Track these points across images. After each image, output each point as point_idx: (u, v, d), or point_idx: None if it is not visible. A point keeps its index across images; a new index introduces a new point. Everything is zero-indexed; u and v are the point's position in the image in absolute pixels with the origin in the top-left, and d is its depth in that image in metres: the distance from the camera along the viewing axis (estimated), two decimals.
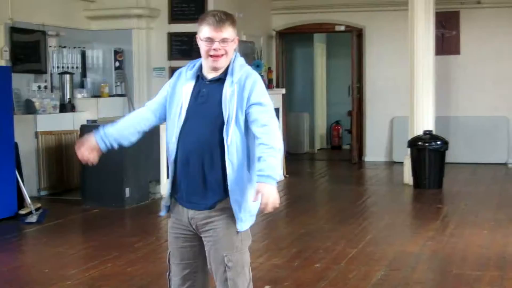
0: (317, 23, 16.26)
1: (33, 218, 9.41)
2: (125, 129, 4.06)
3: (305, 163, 16.44)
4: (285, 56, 16.84)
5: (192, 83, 3.98)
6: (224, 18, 3.85)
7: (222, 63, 3.90)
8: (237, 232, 3.88)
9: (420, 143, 11.79)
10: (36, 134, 11.26)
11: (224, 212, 3.87)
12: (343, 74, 17.96)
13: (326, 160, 17.04)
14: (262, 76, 12.96)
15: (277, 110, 12.84)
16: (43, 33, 12.30)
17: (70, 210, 10.30)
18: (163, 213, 4.09)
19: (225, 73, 3.92)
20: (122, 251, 7.68)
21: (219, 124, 3.83)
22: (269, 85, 13.41)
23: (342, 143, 18.76)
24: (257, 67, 12.71)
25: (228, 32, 3.87)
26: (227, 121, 3.81)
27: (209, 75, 3.95)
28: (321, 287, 6.36)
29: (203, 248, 3.97)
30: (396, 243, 8.06)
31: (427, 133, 11.86)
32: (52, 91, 12.34)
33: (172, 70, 13.76)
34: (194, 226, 3.95)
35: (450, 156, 12.97)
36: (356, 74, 15.90)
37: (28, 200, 9.69)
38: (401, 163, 12.96)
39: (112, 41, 13.53)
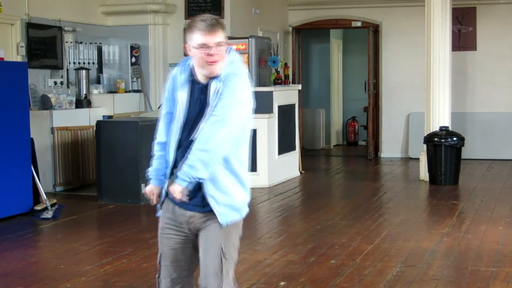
0: (334, 19, 16.23)
1: (48, 214, 9.44)
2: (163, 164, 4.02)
3: (321, 159, 16.41)
4: (302, 52, 16.83)
5: (186, 89, 3.91)
6: (215, 22, 3.77)
7: (219, 68, 3.82)
8: (234, 229, 3.94)
9: (436, 139, 11.74)
10: (52, 129, 11.29)
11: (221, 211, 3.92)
12: (359, 70, 17.96)
13: (342, 156, 17.01)
14: (277, 72, 12.96)
15: (293, 106, 12.86)
16: (60, 28, 12.34)
17: (86, 206, 10.33)
18: (159, 213, 4.09)
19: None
20: (137, 247, 7.69)
21: None
22: (285, 81, 13.37)
23: (358, 139, 18.73)
24: (273, 63, 12.68)
25: (221, 35, 3.78)
26: (204, 117, 3.80)
27: (204, 79, 3.89)
28: (337, 283, 6.34)
29: (195, 251, 3.98)
30: (412, 239, 8.03)
31: (443, 129, 11.82)
32: (68, 86, 12.38)
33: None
34: (191, 226, 3.95)
35: (466, 152, 12.92)
36: (372, 70, 15.86)
37: (44, 195, 9.72)
38: (417, 159, 12.92)
39: (128, 36, 13.55)
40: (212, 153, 3.72)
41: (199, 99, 3.86)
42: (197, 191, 3.85)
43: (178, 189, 3.77)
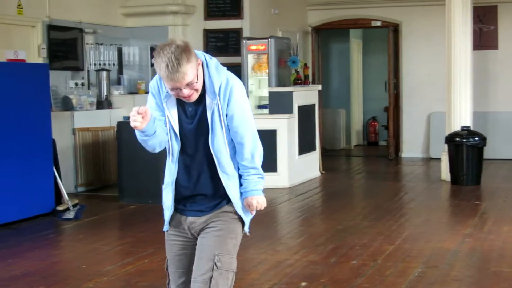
0: (353, 19, 16.20)
1: (70, 214, 9.49)
2: (162, 134, 3.90)
3: (342, 160, 16.38)
4: (321, 52, 16.80)
5: (174, 102, 3.84)
6: (177, 63, 3.58)
7: (195, 97, 3.76)
8: (232, 237, 3.90)
9: (457, 139, 11.69)
10: (74, 130, 11.34)
11: (223, 216, 3.90)
12: (380, 69, 17.92)
13: (362, 156, 16.97)
14: (297, 72, 12.95)
15: (313, 106, 12.84)
16: (80, 30, 12.39)
17: (107, 206, 10.37)
18: (166, 228, 4.05)
19: (203, 84, 3.81)
20: (158, 247, 7.70)
21: None
22: (305, 81, 13.36)
23: (378, 139, 18.68)
24: (293, 63, 12.67)
25: (189, 74, 3.63)
26: (212, 133, 3.80)
27: None
28: (358, 283, 6.32)
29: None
30: (434, 240, 7.99)
31: (465, 128, 11.76)
32: (89, 88, 12.43)
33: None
34: (192, 231, 3.94)
35: (488, 152, 12.84)
36: (393, 69, 15.81)
37: (66, 196, 9.77)
38: (439, 159, 12.87)
39: (148, 37, 13.58)
40: (258, 157, 3.91)
41: (191, 113, 3.83)
42: (197, 196, 3.88)
43: (262, 199, 3.94)
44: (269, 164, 11.55)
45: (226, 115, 3.80)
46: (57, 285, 6.45)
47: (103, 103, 12.34)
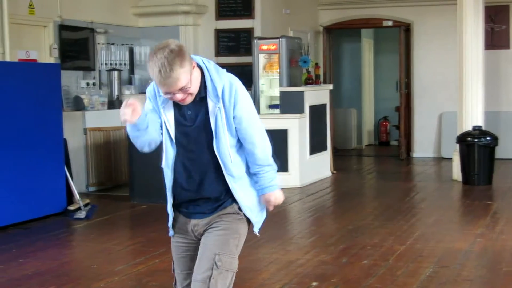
0: (365, 18, 16.18)
1: (81, 214, 9.51)
2: (153, 133, 3.85)
3: (353, 159, 16.37)
4: (333, 51, 16.80)
5: (171, 106, 3.80)
6: (169, 69, 3.52)
7: (190, 100, 3.72)
8: (234, 237, 3.87)
9: (469, 138, 11.66)
10: (85, 130, 11.37)
11: (226, 217, 3.88)
12: (391, 69, 17.89)
13: (373, 156, 16.95)
14: (308, 72, 12.95)
15: (324, 106, 12.83)
16: (92, 30, 12.42)
17: (118, 206, 10.38)
18: (171, 233, 4.07)
19: (203, 88, 3.76)
20: (169, 247, 7.60)
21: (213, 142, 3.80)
22: (316, 80, 13.36)
23: (390, 139, 18.65)
24: (304, 63, 12.67)
25: (182, 79, 3.58)
26: (217, 137, 3.76)
27: None
28: (369, 283, 6.31)
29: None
30: (445, 240, 7.97)
31: (476, 128, 11.73)
32: (100, 87, 12.46)
33: (220, 67, 13.81)
34: (196, 234, 3.93)
35: (500, 152, 12.79)
36: (404, 69, 15.79)
37: (77, 196, 9.79)
38: (450, 159, 12.84)
39: (159, 37, 13.55)
40: (270, 153, 3.94)
41: (190, 116, 3.79)
42: (200, 200, 3.87)
43: (279, 194, 3.97)
44: (280, 164, 11.44)
45: (234, 118, 3.78)
46: (68, 285, 6.47)
47: (114, 103, 12.37)
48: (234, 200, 3.87)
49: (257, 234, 4.03)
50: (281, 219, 9.32)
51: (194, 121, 3.79)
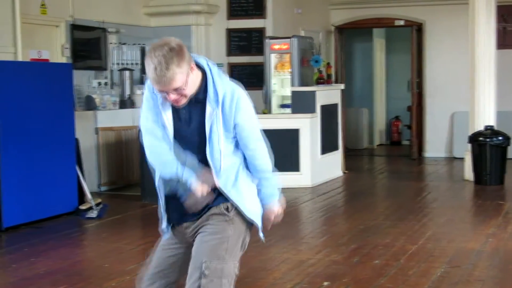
0: (376, 18, 16.16)
1: (93, 213, 9.53)
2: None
3: (364, 159, 16.35)
4: (344, 51, 16.77)
5: (169, 105, 3.72)
6: (165, 67, 3.47)
7: (184, 102, 3.64)
8: (222, 242, 3.67)
9: (481, 138, 11.62)
10: (97, 130, 11.39)
11: (212, 219, 3.73)
12: (403, 69, 17.85)
13: (385, 155, 16.92)
14: (320, 72, 12.94)
15: (335, 105, 12.81)
16: (103, 30, 12.44)
17: (130, 205, 10.40)
18: (166, 236, 3.97)
19: (202, 91, 3.67)
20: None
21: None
22: (327, 80, 13.34)
23: (401, 138, 18.61)
24: (316, 62, 12.66)
25: (177, 79, 3.51)
26: (210, 142, 3.66)
27: None
28: (381, 283, 6.30)
29: (184, 263, 3.82)
30: (457, 240, 7.95)
31: (488, 128, 11.69)
32: (112, 87, 12.49)
33: (231, 66, 13.84)
34: (188, 236, 3.82)
35: None
36: (416, 68, 15.77)
37: (89, 195, 9.81)
38: (462, 158, 12.81)
39: (171, 37, 13.58)
40: (269, 162, 3.84)
41: (185, 117, 3.71)
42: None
43: (279, 211, 3.95)
44: (292, 163, 11.55)
45: (236, 125, 3.67)
46: (80, 284, 6.48)
47: (126, 103, 12.39)
48: (223, 200, 3.73)
49: (262, 239, 3.92)
50: (292, 219, 9.32)
51: (189, 123, 3.71)
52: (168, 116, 3.72)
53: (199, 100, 3.67)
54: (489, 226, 8.61)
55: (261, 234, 3.92)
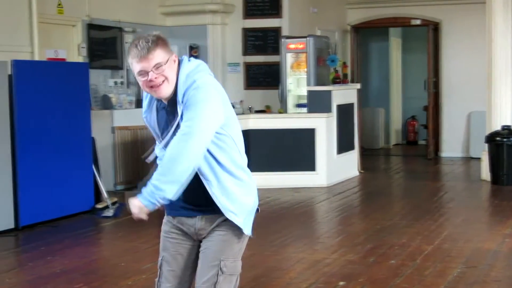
0: (393, 17, 16.11)
1: (109, 212, 9.55)
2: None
3: (380, 159, 16.31)
4: (360, 50, 16.74)
5: (153, 109, 3.77)
6: (147, 44, 3.44)
7: (166, 91, 3.57)
8: (238, 241, 3.70)
9: (498, 138, 11.57)
10: (113, 129, 11.42)
11: (228, 221, 3.67)
12: (419, 68, 17.79)
13: (401, 155, 16.88)
14: (336, 71, 12.91)
15: (352, 105, 12.79)
16: (120, 29, 12.47)
17: None
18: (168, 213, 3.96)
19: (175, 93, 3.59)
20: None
21: None
22: (344, 80, 13.32)
23: (418, 138, 18.56)
24: (332, 62, 12.64)
25: (158, 56, 3.47)
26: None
27: (164, 99, 3.66)
28: (396, 283, 6.29)
29: (197, 259, 3.78)
30: (473, 240, 7.92)
31: (506, 128, 11.64)
32: (128, 86, 12.51)
33: (247, 66, 13.84)
34: (198, 232, 3.76)
35: None
36: (433, 68, 15.72)
37: (105, 194, 9.84)
38: (479, 158, 12.76)
39: (187, 36, 13.63)
40: (179, 169, 3.53)
41: (167, 120, 3.69)
42: (194, 193, 3.66)
43: (138, 205, 3.65)
44: (308, 163, 11.55)
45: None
46: (96, 282, 6.50)
47: (142, 102, 12.38)
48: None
49: (252, 236, 3.80)
50: (308, 219, 9.31)
51: (167, 126, 3.68)
52: (153, 115, 3.79)
53: (174, 102, 3.60)
54: (506, 226, 8.57)
55: (248, 232, 3.75)
